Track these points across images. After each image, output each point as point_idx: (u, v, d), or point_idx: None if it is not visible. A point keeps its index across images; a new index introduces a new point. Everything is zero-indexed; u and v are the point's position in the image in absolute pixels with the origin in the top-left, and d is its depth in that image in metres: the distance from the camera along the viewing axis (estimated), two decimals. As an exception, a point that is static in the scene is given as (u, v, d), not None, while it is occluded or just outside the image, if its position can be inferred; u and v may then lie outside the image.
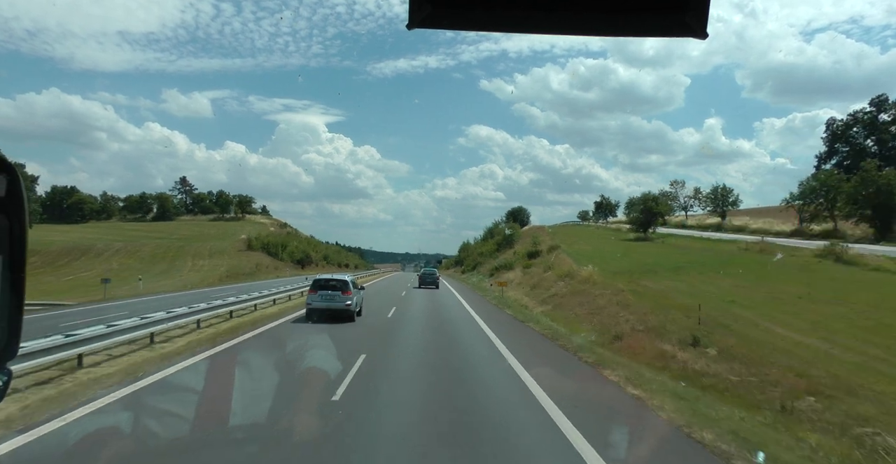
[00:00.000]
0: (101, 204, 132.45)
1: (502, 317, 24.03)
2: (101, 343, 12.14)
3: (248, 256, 69.47)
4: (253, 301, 24.50)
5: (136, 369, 11.11)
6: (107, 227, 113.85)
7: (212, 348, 13.85)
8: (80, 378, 10.35)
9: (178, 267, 62.43)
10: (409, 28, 0.83)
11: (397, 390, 10.16)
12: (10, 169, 0.93)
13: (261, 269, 62.70)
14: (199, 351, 13.26)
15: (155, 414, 8.23)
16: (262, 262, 67.90)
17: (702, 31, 0.83)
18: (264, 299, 26.39)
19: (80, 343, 11.16)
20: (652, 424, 8.21)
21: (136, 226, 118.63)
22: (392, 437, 7.27)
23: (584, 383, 11.21)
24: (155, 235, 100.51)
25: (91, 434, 7.14)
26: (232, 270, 57.20)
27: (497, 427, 7.95)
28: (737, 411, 9.24)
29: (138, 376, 10.32)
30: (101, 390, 9.10)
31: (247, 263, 63.15)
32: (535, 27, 0.86)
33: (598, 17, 0.82)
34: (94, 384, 9.63)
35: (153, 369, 11.06)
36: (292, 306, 26.17)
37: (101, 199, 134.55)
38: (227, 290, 36.69)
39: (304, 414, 8.16)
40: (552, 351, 15.22)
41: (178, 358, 12.30)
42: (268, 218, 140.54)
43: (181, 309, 17.26)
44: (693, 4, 0.82)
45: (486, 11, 0.82)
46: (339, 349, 13.56)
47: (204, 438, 7.07)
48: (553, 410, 8.49)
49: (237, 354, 13.36)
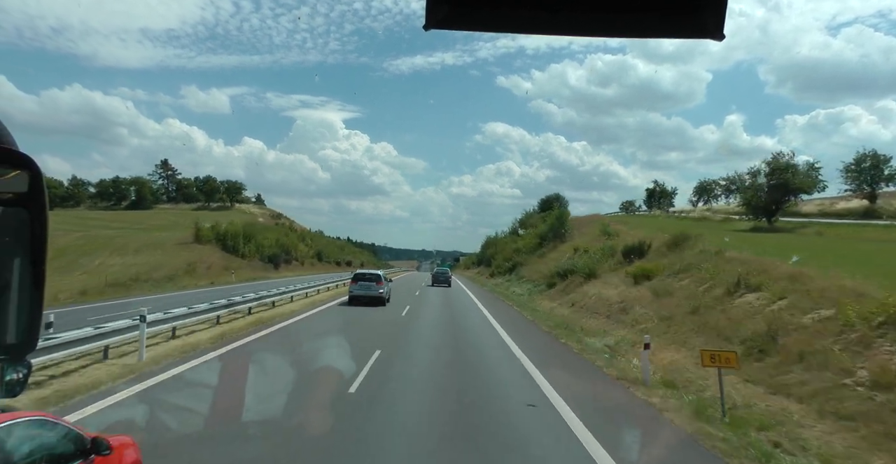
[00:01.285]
0: (68, 190, 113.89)
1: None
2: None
3: (189, 251, 48.83)
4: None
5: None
6: (66, 215, 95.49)
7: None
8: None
9: (80, 265, 43.10)
10: (426, 29, 0.82)
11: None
12: (33, 165, 0.95)
13: (198, 270, 42.09)
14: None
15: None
16: (209, 259, 47.32)
17: (718, 33, 0.81)
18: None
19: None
20: None
21: (101, 215, 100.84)
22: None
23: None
24: (116, 226, 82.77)
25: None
26: (145, 272, 37.24)
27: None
28: None
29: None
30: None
31: (176, 262, 42.81)
32: (553, 28, 0.84)
33: (616, 18, 0.81)
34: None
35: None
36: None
37: (70, 183, 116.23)
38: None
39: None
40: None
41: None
42: (260, 208, 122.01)
43: None
44: (710, 5, 0.80)
45: (504, 13, 0.81)
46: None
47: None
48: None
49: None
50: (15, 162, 0.95)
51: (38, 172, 0.97)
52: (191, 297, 25.25)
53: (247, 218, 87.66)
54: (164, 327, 14.05)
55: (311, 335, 16.36)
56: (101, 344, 11.43)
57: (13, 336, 0.98)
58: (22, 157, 0.95)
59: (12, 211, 0.97)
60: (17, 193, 0.96)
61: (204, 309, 16.60)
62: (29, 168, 0.95)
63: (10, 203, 0.97)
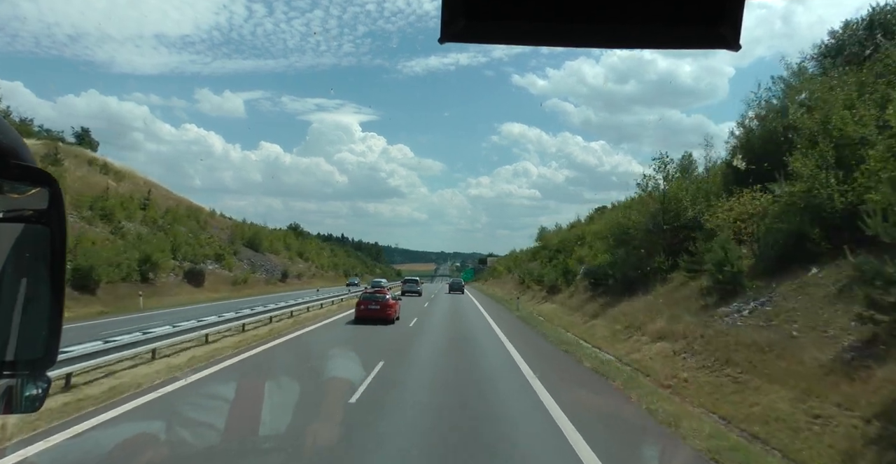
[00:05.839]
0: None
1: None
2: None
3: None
4: None
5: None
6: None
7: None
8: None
9: None
10: (441, 42, 0.82)
11: None
12: (53, 182, 0.96)
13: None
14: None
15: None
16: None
17: (735, 43, 0.82)
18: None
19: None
20: None
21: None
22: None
23: None
24: None
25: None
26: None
27: None
28: None
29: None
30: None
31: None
32: (570, 40, 0.84)
33: (632, 30, 0.82)
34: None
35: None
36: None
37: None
38: None
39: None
40: None
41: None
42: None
43: None
44: (728, 16, 0.81)
45: (520, 26, 0.81)
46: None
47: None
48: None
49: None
50: (34, 179, 0.96)
51: (57, 189, 0.98)
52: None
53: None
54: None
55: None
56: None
57: (34, 351, 1.01)
58: (41, 174, 0.96)
59: (32, 228, 0.99)
60: (37, 209, 0.98)
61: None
62: (49, 185, 0.97)
63: (31, 220, 0.99)
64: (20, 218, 0.99)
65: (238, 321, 18.45)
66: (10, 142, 0.95)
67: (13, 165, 0.94)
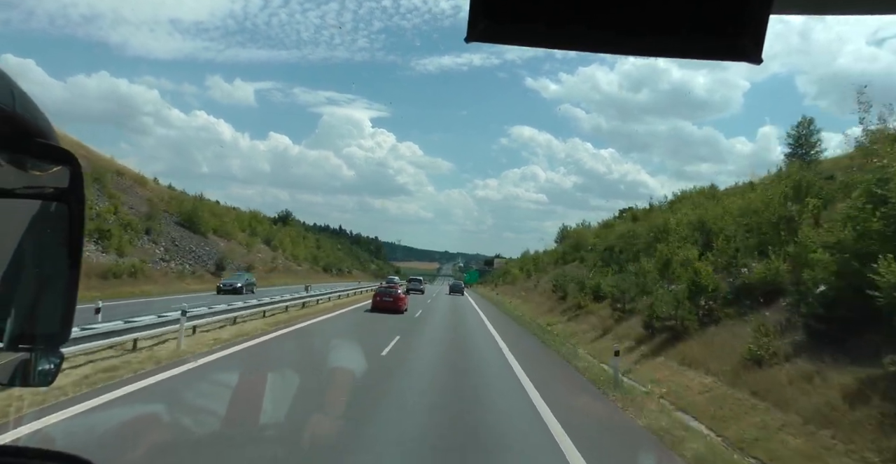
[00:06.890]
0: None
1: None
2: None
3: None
4: None
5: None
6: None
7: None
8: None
9: None
10: (468, 41, 0.83)
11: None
12: (74, 161, 0.96)
13: None
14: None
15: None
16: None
17: (757, 57, 0.81)
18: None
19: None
20: None
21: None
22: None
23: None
24: None
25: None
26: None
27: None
28: None
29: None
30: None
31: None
32: (592, 46, 0.85)
33: (654, 38, 0.83)
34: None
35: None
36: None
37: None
38: None
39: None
40: None
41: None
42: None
43: None
44: (751, 28, 0.81)
45: (544, 30, 0.82)
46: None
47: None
48: None
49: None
50: (56, 157, 0.97)
51: (78, 168, 0.99)
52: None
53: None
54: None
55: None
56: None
57: (50, 326, 1.03)
58: (63, 152, 0.96)
59: (51, 205, 1.00)
60: (57, 187, 0.99)
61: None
62: (69, 164, 0.97)
63: (50, 197, 1.00)
64: (41, 195, 1.01)
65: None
66: (35, 121, 0.95)
67: (36, 143, 0.95)
